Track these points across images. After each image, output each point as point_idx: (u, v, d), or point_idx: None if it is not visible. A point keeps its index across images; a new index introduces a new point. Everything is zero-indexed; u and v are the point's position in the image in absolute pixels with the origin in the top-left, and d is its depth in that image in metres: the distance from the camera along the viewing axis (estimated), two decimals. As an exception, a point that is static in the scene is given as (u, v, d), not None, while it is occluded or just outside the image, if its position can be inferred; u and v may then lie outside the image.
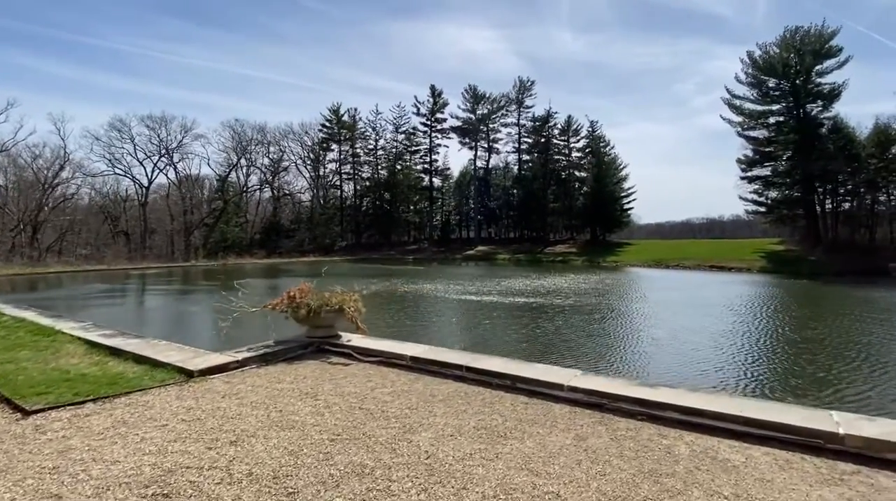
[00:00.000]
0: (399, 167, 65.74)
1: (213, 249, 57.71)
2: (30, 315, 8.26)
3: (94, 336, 6.60)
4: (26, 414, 4.01)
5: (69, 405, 4.22)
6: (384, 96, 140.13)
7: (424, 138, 65.78)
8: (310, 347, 6.32)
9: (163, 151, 59.80)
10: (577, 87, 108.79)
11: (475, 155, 65.72)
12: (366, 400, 4.43)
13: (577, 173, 63.09)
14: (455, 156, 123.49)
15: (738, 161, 44.89)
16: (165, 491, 2.80)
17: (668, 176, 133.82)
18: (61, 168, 55.19)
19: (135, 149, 58.49)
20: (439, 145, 66.49)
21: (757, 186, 44.31)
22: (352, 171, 67.39)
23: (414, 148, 66.36)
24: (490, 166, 67.01)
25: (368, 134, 66.92)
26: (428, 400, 4.46)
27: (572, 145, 62.96)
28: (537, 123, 62.81)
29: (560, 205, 62.13)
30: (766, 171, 44.02)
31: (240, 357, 5.50)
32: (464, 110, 64.75)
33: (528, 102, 63.98)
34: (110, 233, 61.49)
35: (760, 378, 7.66)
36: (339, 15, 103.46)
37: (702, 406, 3.89)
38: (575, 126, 62.32)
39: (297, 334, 6.58)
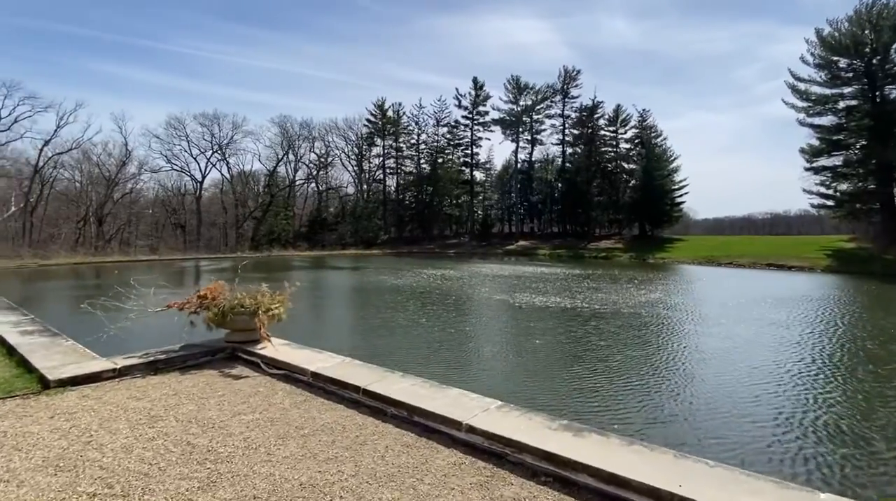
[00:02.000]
0: (441, 161, 64.90)
1: (261, 242, 59.41)
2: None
3: (14, 332, 6.10)
4: None
5: None
6: (428, 90, 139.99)
7: (466, 131, 64.48)
8: (220, 353, 5.47)
9: (215, 147, 62.12)
10: (628, 76, 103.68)
11: (517, 147, 63.75)
12: (213, 430, 3.47)
13: (624, 165, 59.77)
14: (497, 149, 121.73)
15: (802, 151, 40.49)
16: None
17: (726, 168, 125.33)
18: (124, 164, 58.53)
19: (189, 145, 61.06)
20: (481, 138, 65.02)
21: (824, 178, 39.76)
22: (395, 166, 67.31)
23: (456, 141, 65.27)
24: (533, 159, 64.81)
25: (411, 128, 66.57)
26: (288, 434, 3.44)
27: (620, 136, 59.69)
28: (583, 114, 59.97)
29: (605, 199, 59.10)
30: (834, 161, 39.44)
31: (120, 364, 4.72)
32: (506, 102, 62.90)
33: (573, 92, 61.24)
34: (168, 225, 64.81)
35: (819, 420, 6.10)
36: (384, 12, 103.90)
37: (631, 474, 2.63)
38: (624, 116, 59.04)
39: (217, 338, 5.76)
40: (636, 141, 58.48)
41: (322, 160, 67.03)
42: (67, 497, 2.61)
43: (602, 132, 59.97)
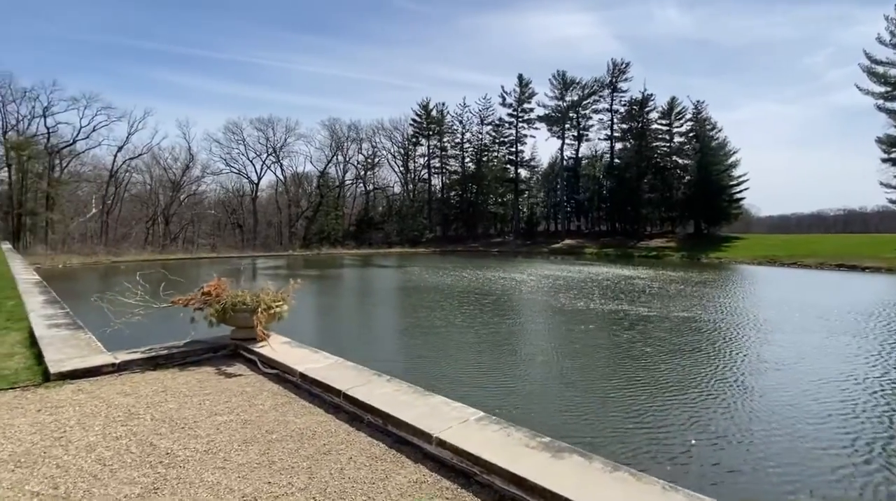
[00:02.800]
0: (485, 159, 64.38)
1: (312, 240, 61.25)
2: (36, 300, 8.50)
3: (44, 325, 6.37)
4: None
5: None
6: (472, 89, 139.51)
7: (510, 129, 63.55)
8: (222, 350, 5.42)
9: (270, 150, 64.63)
10: (681, 67, 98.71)
11: (563, 144, 62.11)
12: (181, 430, 3.31)
13: (678, 160, 56.86)
14: (542, 147, 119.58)
15: (878, 141, 36.86)
16: None
17: (792, 161, 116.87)
18: (188, 167, 62.07)
19: (246, 149, 63.84)
20: (526, 136, 63.88)
21: (905, 169, 36.11)
22: (439, 165, 67.46)
23: (500, 139, 64.49)
24: (580, 155, 62.96)
25: (455, 127, 66.47)
26: (254, 438, 3.25)
27: (674, 130, 56.84)
28: (633, 108, 57.59)
29: (657, 196, 56.47)
30: (919, 151, 35.66)
31: (120, 359, 4.75)
32: (552, 98, 61.43)
33: (622, 86, 58.96)
34: (227, 225, 68.11)
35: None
36: (430, 12, 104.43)
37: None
38: (678, 108, 56.16)
39: (223, 334, 5.73)
40: (690, 134, 55.50)
41: (369, 161, 68.24)
42: (13, 495, 2.53)
43: (653, 126, 57.37)
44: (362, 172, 68.55)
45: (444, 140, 65.87)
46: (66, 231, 50.72)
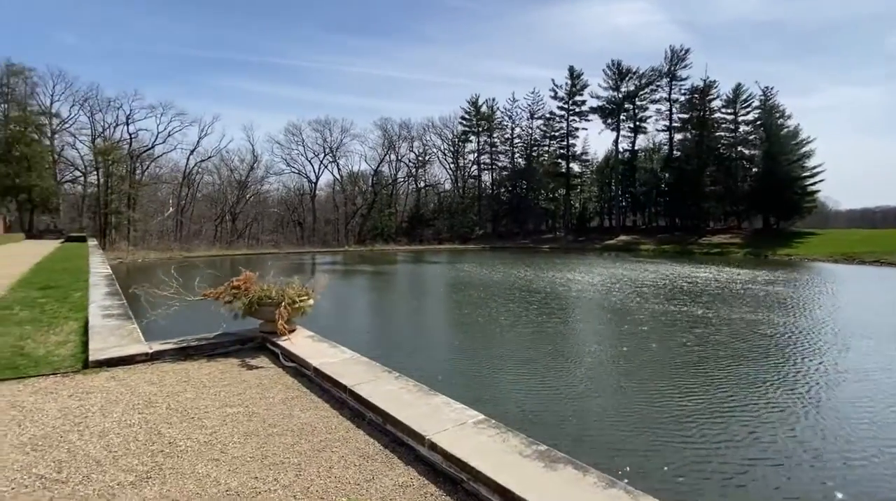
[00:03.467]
0: (535, 154, 63.17)
1: (367, 237, 62.76)
2: (100, 292, 9.18)
3: (99, 315, 6.82)
4: None
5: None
6: (522, 84, 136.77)
7: (561, 122, 61.90)
8: (250, 343, 5.55)
9: (327, 150, 66.79)
10: (748, 52, 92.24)
11: (618, 136, 59.77)
12: (190, 421, 3.36)
13: (743, 151, 53.16)
14: (596, 140, 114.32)
15: None
16: None
17: (876, 151, 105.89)
18: (252, 168, 65.38)
19: (305, 149, 66.29)
20: (577, 129, 61.99)
21: None
22: (489, 161, 66.95)
23: (551, 133, 63.01)
24: (636, 148, 60.31)
25: (505, 123, 65.69)
26: (255, 432, 3.23)
27: (739, 118, 53.15)
28: (693, 96, 54.39)
29: (720, 189, 53.07)
30: None
31: (154, 349, 4.97)
32: (605, 89, 59.18)
33: (681, 74, 55.84)
34: (288, 222, 71.12)
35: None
36: (480, 10, 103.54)
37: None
38: (744, 96, 52.45)
39: (253, 327, 5.87)
40: (758, 122, 51.65)
41: (420, 158, 68.88)
42: (20, 477, 2.66)
43: (716, 115, 53.92)
44: (414, 170, 69.34)
45: (494, 136, 65.29)
46: (146, 228, 54.96)
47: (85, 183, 53.64)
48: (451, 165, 69.53)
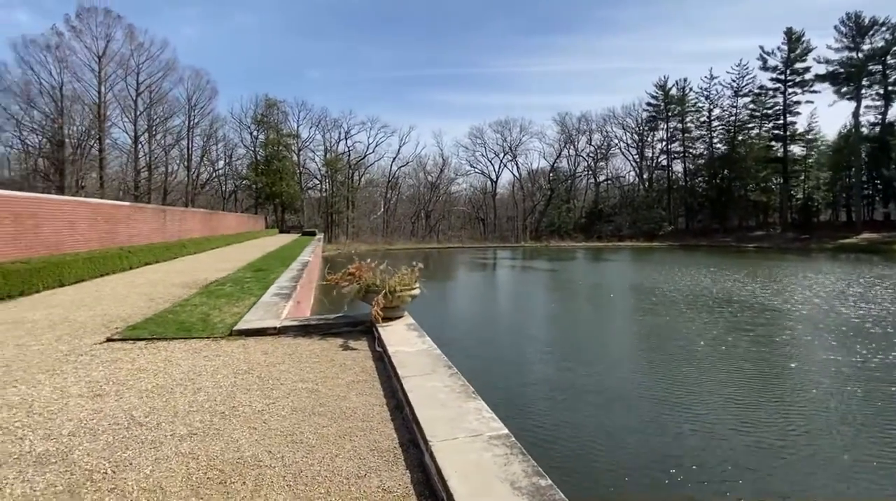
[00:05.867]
0: (741, 137, 53.23)
1: (543, 233, 62.07)
2: (288, 275, 10.96)
3: (271, 295, 8.09)
4: (108, 341, 5.30)
5: (133, 340, 5.30)
6: (720, 59, 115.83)
7: (775, 97, 50.72)
8: (360, 326, 5.83)
9: (507, 150, 68.05)
10: None
11: (858, 107, 46.17)
12: (263, 390, 3.63)
13: None
14: (825, 114, 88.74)
15: None
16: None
17: None
18: (441, 171, 70.70)
19: (486, 150, 68.68)
20: (798, 103, 49.95)
21: None
22: (681, 149, 59.08)
23: (762, 111, 52.22)
24: (887, 120, 45.74)
25: (701, 104, 56.98)
26: (303, 408, 3.23)
27: None
28: None
29: None
30: None
31: (281, 324, 5.61)
32: (839, 50, 46.26)
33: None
34: (472, 219, 74.85)
35: None
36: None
37: None
38: None
39: (368, 311, 6.19)
40: None
41: (601, 151, 64.73)
42: (121, 416, 3.22)
43: None
44: (593, 163, 65.58)
45: (687, 120, 57.23)
46: (360, 225, 64.33)
47: (321, 188, 65.46)
48: (636, 156, 63.59)
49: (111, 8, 41.10)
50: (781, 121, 50.34)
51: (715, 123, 55.94)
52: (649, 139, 61.49)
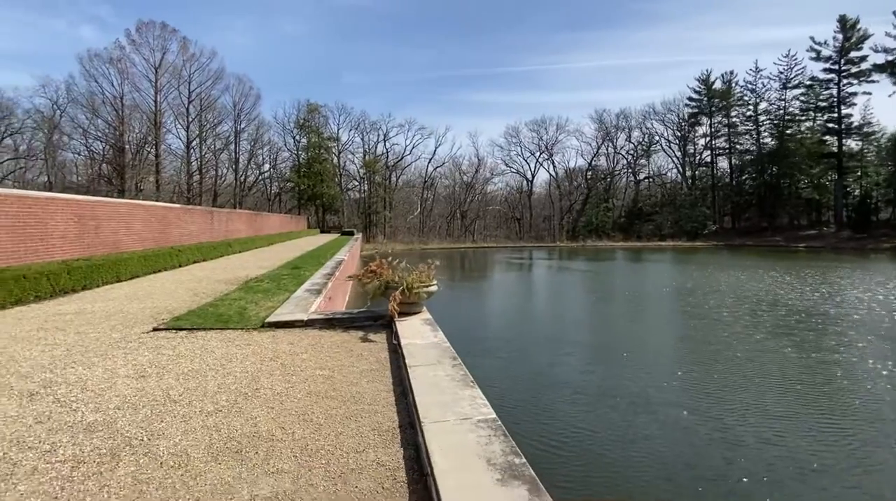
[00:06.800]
0: (790, 131, 50.38)
1: (580, 232, 61.00)
2: (321, 272, 11.46)
3: (303, 291, 8.53)
4: (154, 330, 5.81)
5: (176, 330, 5.79)
6: (767, 50, 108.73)
7: (829, 88, 47.67)
8: (381, 320, 6.10)
9: (543, 148, 67.29)
10: None
11: (928, 97, 42.67)
12: (284, 376, 3.92)
13: None
14: (885, 106, 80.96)
15: None
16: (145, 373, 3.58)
17: None
18: (476, 170, 70.73)
19: (522, 149, 68.16)
20: (854, 94, 46.72)
21: None
22: (726, 145, 56.56)
23: (813, 104, 49.22)
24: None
25: (747, 98, 54.31)
26: (317, 393, 3.49)
27: None
28: None
29: None
30: None
31: (308, 317, 5.95)
32: (906, 36, 42.92)
33: None
34: (508, 219, 74.46)
35: None
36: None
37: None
38: None
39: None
40: None
41: (640, 149, 62.87)
42: (159, 394, 3.61)
43: None
44: (632, 161, 63.79)
45: (732, 115, 54.71)
46: (397, 225, 65.36)
47: (360, 189, 67.00)
48: (678, 153, 61.37)
49: (167, 22, 43.69)
50: (835, 114, 47.28)
51: (762, 117, 53.27)
52: (691, 135, 59.18)
